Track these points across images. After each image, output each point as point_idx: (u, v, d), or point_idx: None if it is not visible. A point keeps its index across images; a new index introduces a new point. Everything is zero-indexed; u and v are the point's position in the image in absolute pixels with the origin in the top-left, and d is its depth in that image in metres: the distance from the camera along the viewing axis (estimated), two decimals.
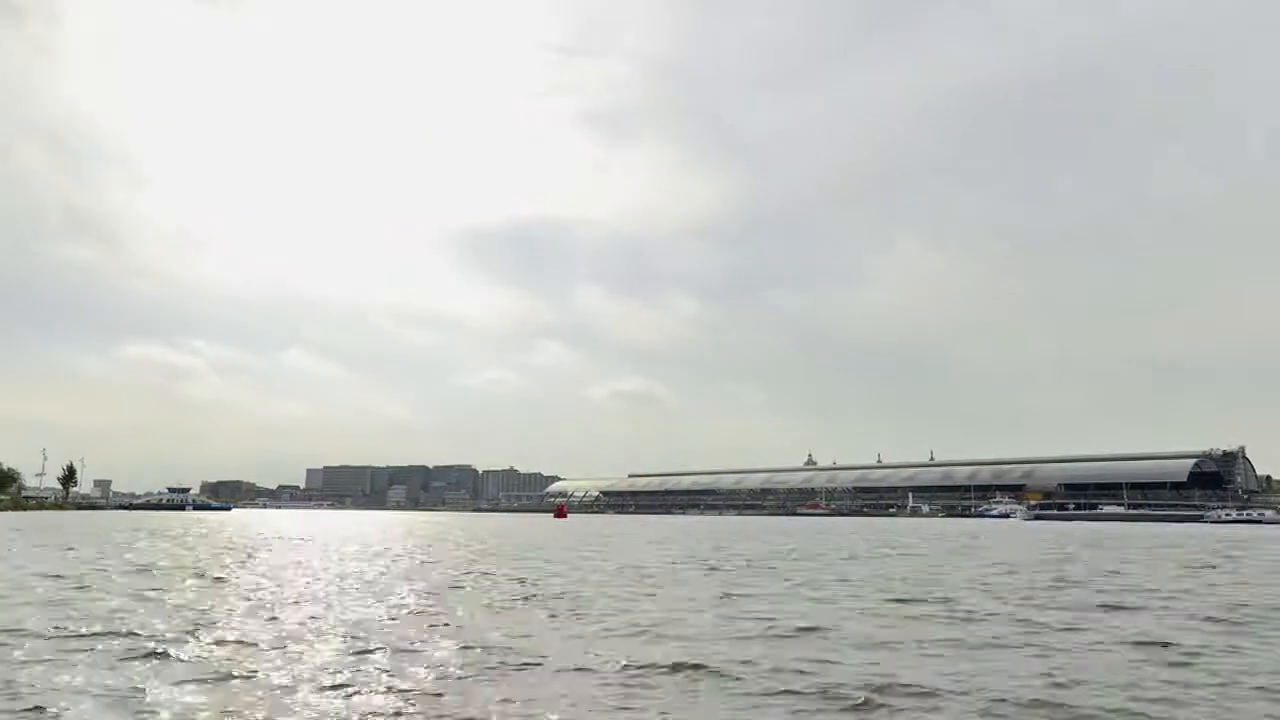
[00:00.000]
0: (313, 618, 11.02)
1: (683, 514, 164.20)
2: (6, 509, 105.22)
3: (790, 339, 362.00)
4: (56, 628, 9.96)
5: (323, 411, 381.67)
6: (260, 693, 6.83)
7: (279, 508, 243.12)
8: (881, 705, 6.64)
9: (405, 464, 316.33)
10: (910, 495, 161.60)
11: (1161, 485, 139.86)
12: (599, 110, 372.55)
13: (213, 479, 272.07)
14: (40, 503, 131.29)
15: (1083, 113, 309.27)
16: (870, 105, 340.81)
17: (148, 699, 6.60)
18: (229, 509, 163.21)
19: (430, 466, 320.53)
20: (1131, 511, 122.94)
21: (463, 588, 15.54)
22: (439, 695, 6.81)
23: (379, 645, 8.96)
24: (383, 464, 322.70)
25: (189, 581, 16.20)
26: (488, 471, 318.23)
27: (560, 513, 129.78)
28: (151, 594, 13.82)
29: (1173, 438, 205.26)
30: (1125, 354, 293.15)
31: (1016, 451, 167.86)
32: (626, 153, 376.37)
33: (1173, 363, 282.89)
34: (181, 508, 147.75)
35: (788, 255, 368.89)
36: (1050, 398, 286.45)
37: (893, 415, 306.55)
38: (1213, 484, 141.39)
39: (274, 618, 11.10)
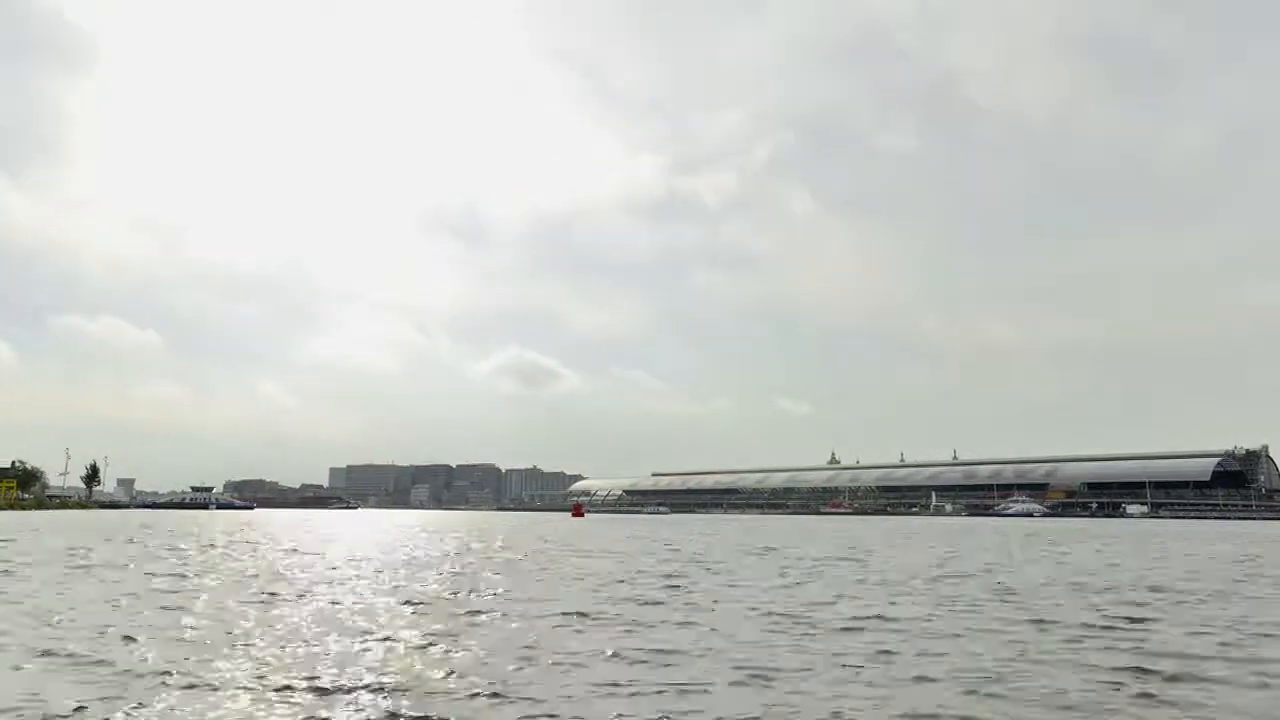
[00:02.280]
0: None
1: (705, 513, 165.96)
2: (30, 508, 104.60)
3: (721, 317, 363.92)
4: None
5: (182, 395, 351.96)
6: None
7: (224, 507, 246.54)
8: None
9: (428, 463, 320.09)
10: (933, 494, 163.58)
11: (1184, 485, 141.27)
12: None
13: (236, 478, 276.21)
14: (63, 502, 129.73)
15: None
16: (774, 50, 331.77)
17: None
18: (252, 508, 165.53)
19: (453, 465, 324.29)
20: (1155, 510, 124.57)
21: None
22: None
23: None
24: (406, 463, 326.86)
25: None
26: (510, 470, 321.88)
27: (577, 512, 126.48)
28: None
29: (1195, 437, 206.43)
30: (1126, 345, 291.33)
31: (1039, 450, 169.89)
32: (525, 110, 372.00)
33: (1192, 358, 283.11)
34: (205, 506, 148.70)
35: (708, 228, 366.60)
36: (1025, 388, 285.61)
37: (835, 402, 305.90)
38: (1236, 483, 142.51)
39: None
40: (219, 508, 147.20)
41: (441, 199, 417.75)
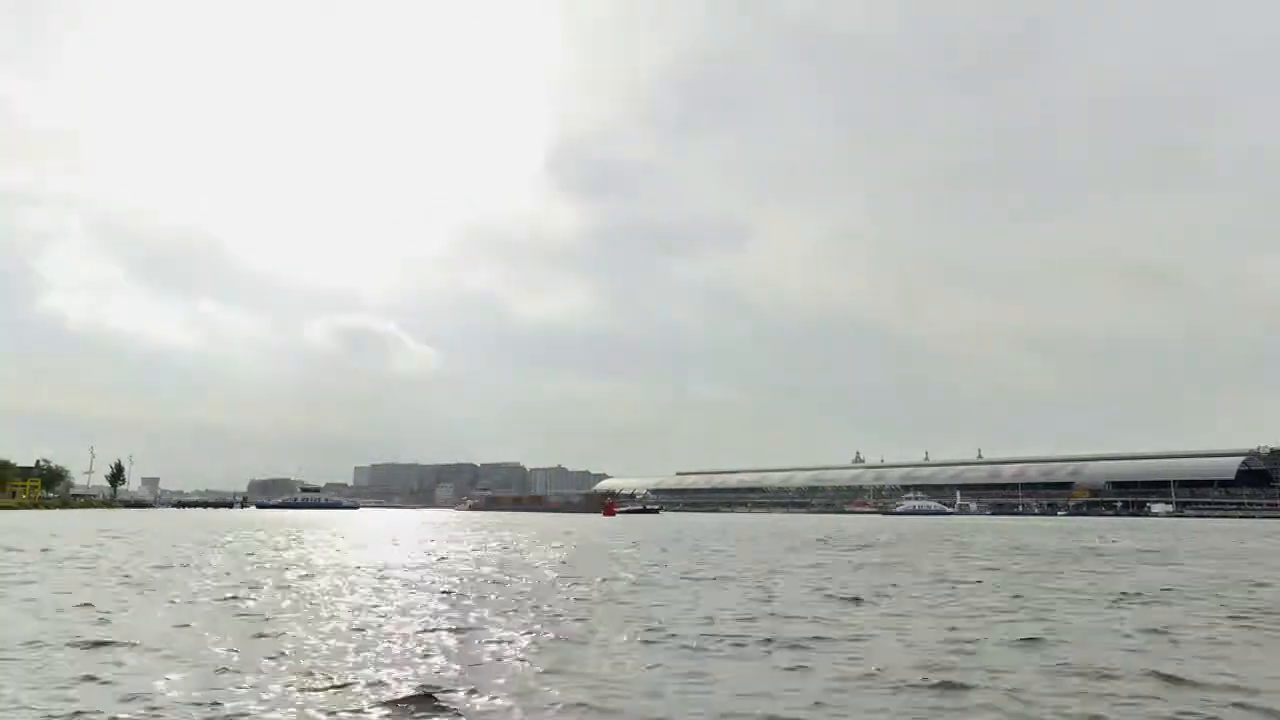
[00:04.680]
0: None
1: (730, 511, 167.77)
2: (54, 507, 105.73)
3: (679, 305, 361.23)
4: None
5: None
6: None
7: (327, 506, 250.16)
8: None
9: (453, 462, 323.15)
10: (958, 493, 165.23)
11: (1209, 483, 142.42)
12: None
13: (261, 477, 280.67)
14: (88, 501, 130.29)
15: None
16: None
17: None
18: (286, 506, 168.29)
19: (478, 464, 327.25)
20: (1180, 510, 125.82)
21: None
22: None
23: None
24: (430, 462, 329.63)
25: None
26: (535, 469, 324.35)
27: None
28: None
29: (1220, 435, 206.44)
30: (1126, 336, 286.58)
31: (1062, 450, 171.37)
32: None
33: (1216, 355, 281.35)
34: (230, 505, 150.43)
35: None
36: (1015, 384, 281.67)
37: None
38: (1261, 482, 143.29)
39: None
40: (241, 506, 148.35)
41: (438, 195, 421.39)
